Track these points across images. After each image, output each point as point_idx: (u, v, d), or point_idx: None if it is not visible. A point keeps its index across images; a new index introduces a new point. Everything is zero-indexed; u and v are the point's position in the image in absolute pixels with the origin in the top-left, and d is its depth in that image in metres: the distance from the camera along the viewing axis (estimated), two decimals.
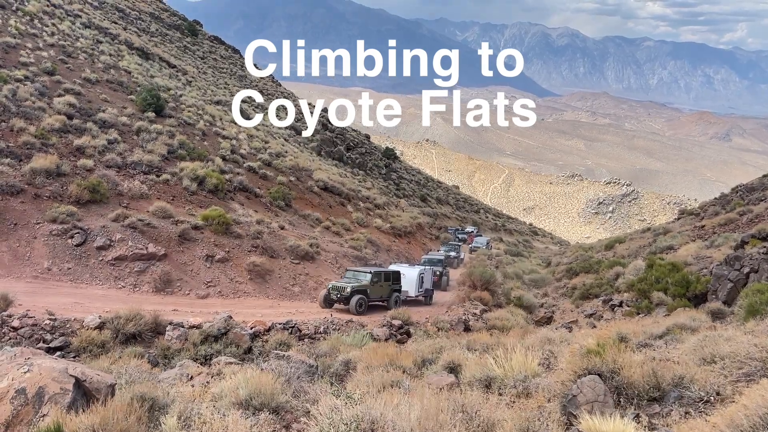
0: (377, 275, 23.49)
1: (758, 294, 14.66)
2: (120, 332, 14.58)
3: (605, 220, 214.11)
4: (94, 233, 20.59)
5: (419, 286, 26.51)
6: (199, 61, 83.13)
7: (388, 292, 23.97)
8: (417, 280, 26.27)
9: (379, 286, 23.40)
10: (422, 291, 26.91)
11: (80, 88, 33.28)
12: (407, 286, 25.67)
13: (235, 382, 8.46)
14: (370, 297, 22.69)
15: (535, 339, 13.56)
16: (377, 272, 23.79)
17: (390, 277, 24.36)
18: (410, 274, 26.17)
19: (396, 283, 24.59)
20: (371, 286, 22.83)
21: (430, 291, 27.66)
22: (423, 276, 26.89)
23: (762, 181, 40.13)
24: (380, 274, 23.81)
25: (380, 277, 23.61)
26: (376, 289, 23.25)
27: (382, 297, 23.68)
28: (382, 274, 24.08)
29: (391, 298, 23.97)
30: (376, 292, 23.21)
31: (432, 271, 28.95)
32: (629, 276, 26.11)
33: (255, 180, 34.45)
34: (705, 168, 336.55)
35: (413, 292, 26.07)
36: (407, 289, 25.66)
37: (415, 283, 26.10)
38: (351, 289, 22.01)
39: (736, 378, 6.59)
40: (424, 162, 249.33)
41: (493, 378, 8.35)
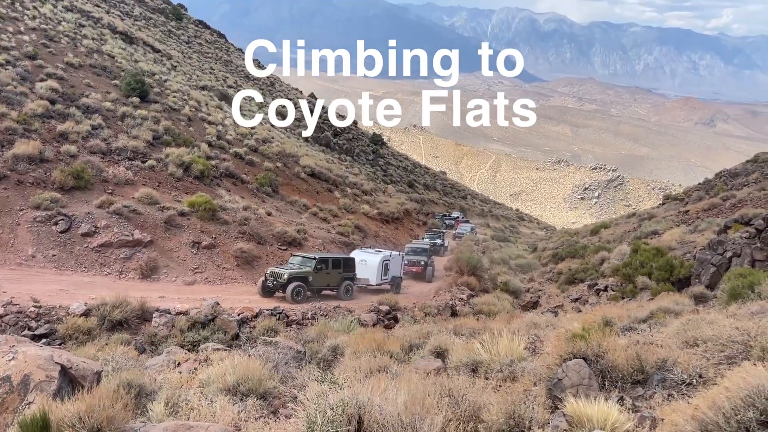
0: (322, 261, 22.09)
1: (740, 278, 14.89)
2: (106, 319, 14.51)
3: (591, 205, 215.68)
4: (78, 220, 20.40)
5: (382, 274, 25.09)
6: (184, 46, 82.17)
7: (337, 280, 22.53)
8: (379, 267, 24.83)
9: (325, 273, 21.98)
10: (387, 279, 25.53)
11: (63, 72, 32.75)
12: (368, 274, 24.45)
13: (222, 368, 8.47)
14: (313, 285, 21.41)
15: (521, 323, 13.69)
16: (322, 258, 22.36)
17: (340, 264, 22.83)
18: (372, 261, 24.84)
19: (348, 270, 23.04)
20: (314, 273, 21.46)
21: (398, 279, 26.28)
22: (388, 263, 25.51)
23: (745, 167, 40.55)
24: (326, 261, 22.34)
25: (326, 264, 22.17)
26: (321, 276, 21.83)
27: (329, 285, 22.33)
28: (330, 260, 22.55)
29: (341, 287, 22.57)
30: (321, 279, 21.79)
31: (402, 258, 27.38)
32: (614, 261, 26.36)
33: (241, 166, 34.25)
34: (690, 153, 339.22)
35: (375, 280, 24.71)
36: (368, 277, 24.45)
37: (376, 271, 24.72)
38: (288, 275, 20.60)
39: (718, 361, 6.69)
40: (412, 148, 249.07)
41: (480, 362, 8.42)
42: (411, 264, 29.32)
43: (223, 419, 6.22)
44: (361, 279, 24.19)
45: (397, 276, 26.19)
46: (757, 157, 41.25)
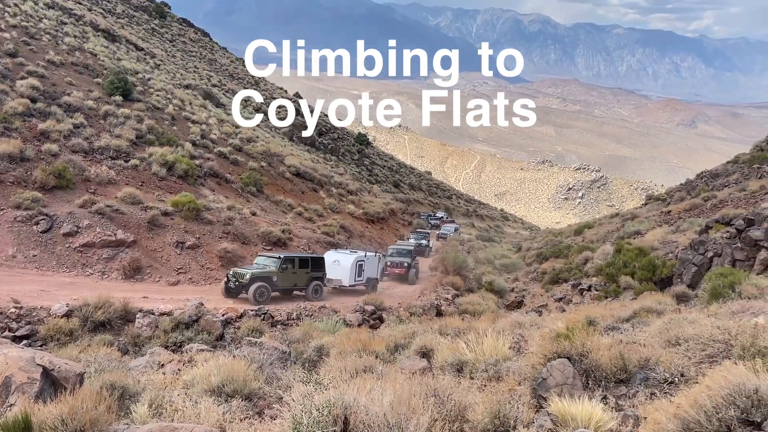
0: (288, 261, 21.39)
1: (721, 277, 15.07)
2: (89, 320, 14.36)
3: (575, 205, 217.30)
4: (60, 220, 20.16)
5: (356, 275, 24.43)
6: (167, 44, 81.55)
7: (305, 280, 21.84)
8: (353, 268, 24.14)
9: (291, 273, 21.27)
10: (361, 280, 24.87)
11: (44, 70, 32.34)
12: (341, 275, 23.90)
13: (207, 369, 8.43)
14: (278, 285, 20.79)
15: (505, 323, 13.75)
16: (288, 257, 21.63)
17: (308, 264, 22.09)
18: (345, 261, 24.20)
19: (317, 270, 22.39)
20: (279, 273, 20.81)
21: (373, 280, 25.62)
22: (363, 264, 24.79)
23: (726, 168, 41.10)
24: (292, 260, 21.60)
25: (292, 264, 21.46)
26: (287, 276, 21.15)
27: (296, 285, 21.66)
28: (296, 259, 21.82)
29: (310, 287, 21.86)
30: (286, 279, 21.13)
31: (379, 259, 26.79)
32: (598, 261, 26.57)
33: (226, 166, 34.07)
34: (671, 154, 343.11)
35: (348, 281, 24.09)
36: (341, 278, 23.93)
37: (349, 272, 24.07)
38: (251, 276, 19.98)
39: (700, 359, 6.78)
40: (397, 148, 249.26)
41: (465, 362, 8.46)
42: (394, 265, 28.97)
43: (207, 421, 6.19)
44: (334, 280, 23.74)
45: (372, 277, 25.61)
46: (737, 158, 41.83)
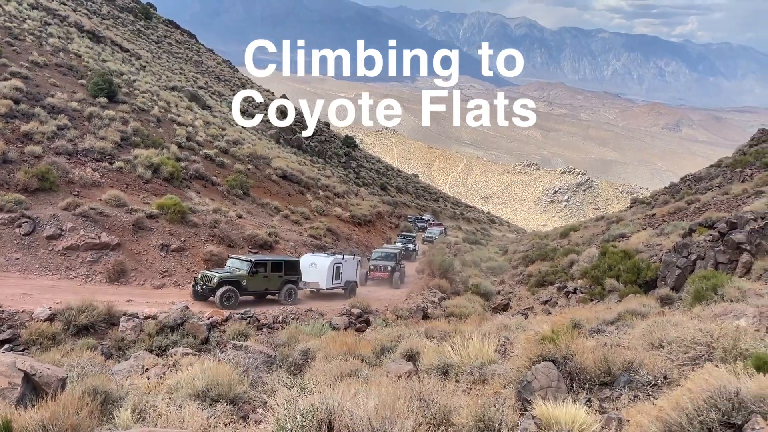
0: (259, 264, 20.78)
1: (704, 280, 15.21)
2: (72, 324, 14.23)
3: (561, 208, 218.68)
4: (43, 222, 19.94)
5: (333, 278, 23.88)
6: (153, 46, 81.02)
7: (278, 284, 21.30)
8: (329, 271, 23.59)
9: (262, 276, 20.74)
10: (339, 283, 24.37)
11: (27, 71, 32.01)
12: (318, 278, 23.38)
13: (192, 373, 8.37)
14: (249, 289, 20.32)
15: (491, 326, 13.79)
16: (259, 260, 21.02)
17: (281, 267, 21.51)
18: (322, 264, 23.61)
19: (291, 273, 21.80)
20: (249, 276, 20.23)
21: (352, 283, 25.10)
22: (341, 266, 24.26)
23: (709, 171, 41.54)
24: (264, 263, 21.02)
25: (264, 267, 20.89)
26: (258, 280, 20.60)
27: (268, 289, 21.12)
28: (268, 262, 21.20)
29: (282, 291, 21.33)
30: (257, 283, 20.62)
31: (358, 262, 26.22)
32: (583, 263, 26.75)
33: (212, 168, 33.89)
34: (656, 158, 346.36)
35: (324, 284, 23.55)
36: (318, 281, 23.40)
37: (326, 275, 23.48)
38: (219, 279, 19.44)
39: (683, 362, 6.85)
40: (384, 150, 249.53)
41: (451, 365, 8.48)
42: (377, 269, 28.57)
43: (191, 425, 6.14)
44: (310, 283, 23.28)
45: (351, 280, 25.10)
46: (720, 162, 42.31)
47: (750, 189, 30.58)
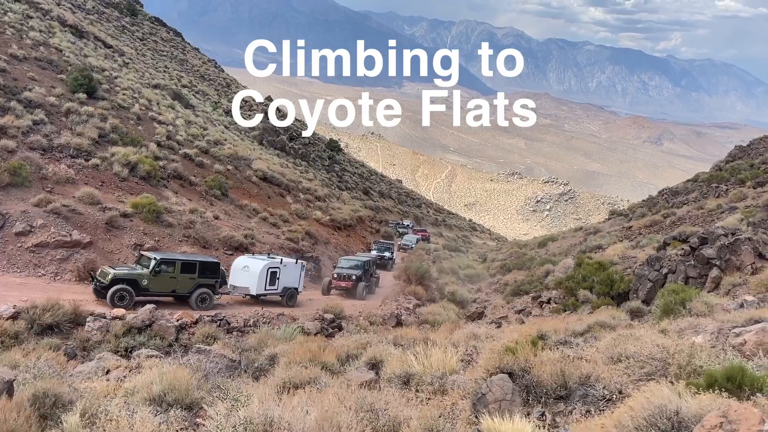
0: (165, 263, 18.99)
1: (673, 294, 15.36)
2: (36, 323, 13.98)
3: (542, 217, 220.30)
4: (13, 218, 19.60)
5: (267, 283, 22.10)
6: (138, 43, 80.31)
7: (189, 286, 19.43)
8: (262, 275, 21.84)
9: (168, 277, 18.93)
10: (275, 289, 22.51)
11: (5, 65, 31.56)
12: (249, 282, 21.75)
13: (149, 377, 8.25)
14: (149, 289, 18.53)
15: (462, 335, 13.79)
16: (165, 259, 19.19)
17: (194, 268, 19.58)
18: (255, 267, 21.92)
19: (207, 275, 19.89)
20: (152, 276, 18.49)
21: (291, 290, 23.13)
22: (276, 272, 22.39)
23: (686, 186, 42.04)
24: (172, 262, 19.21)
25: (171, 266, 19.10)
26: (163, 280, 18.82)
27: (175, 291, 19.30)
28: (178, 262, 19.38)
29: (194, 294, 19.45)
30: (161, 284, 18.85)
31: (302, 268, 24.23)
32: (558, 274, 26.89)
33: (191, 168, 33.61)
34: (637, 170, 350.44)
35: (255, 290, 21.84)
36: (248, 286, 21.81)
37: (257, 279, 21.74)
38: (113, 276, 17.74)
39: (639, 377, 6.87)
40: (369, 155, 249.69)
41: (413, 374, 8.43)
42: (340, 278, 26.83)
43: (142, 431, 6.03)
44: (240, 287, 21.80)
45: (290, 287, 23.12)
46: (696, 177, 42.85)
47: (724, 204, 31.00)
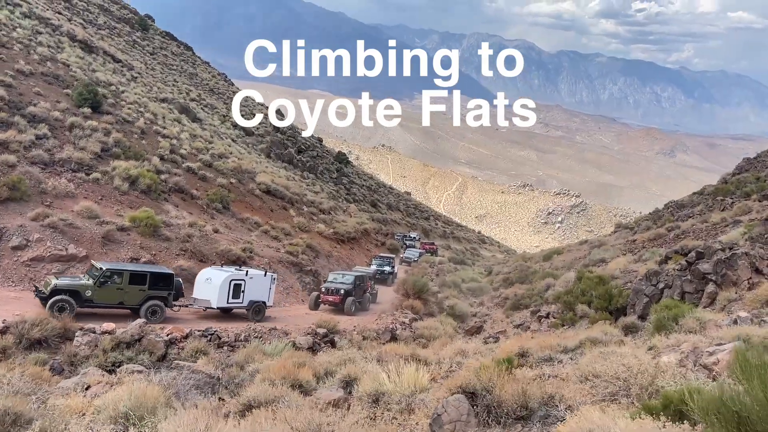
0: (112, 273, 18.31)
1: (666, 310, 15.18)
2: (24, 338, 14.03)
3: (554, 230, 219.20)
4: (9, 232, 19.78)
5: (230, 296, 21.22)
6: (148, 57, 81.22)
7: (138, 299, 18.75)
8: (224, 288, 20.94)
9: (115, 288, 18.23)
10: (239, 303, 21.64)
11: (12, 80, 32.00)
12: (210, 295, 20.91)
13: (118, 395, 8.25)
14: (93, 301, 17.92)
15: (450, 351, 13.70)
16: (112, 269, 18.50)
17: (145, 279, 18.83)
18: (216, 279, 21.07)
19: (159, 287, 19.18)
20: (97, 287, 17.88)
21: (258, 303, 22.15)
22: (241, 284, 21.46)
23: (691, 198, 41.65)
24: (119, 273, 18.48)
25: (120, 277, 18.39)
26: (109, 291, 18.14)
27: (123, 303, 18.59)
28: (126, 273, 18.61)
29: (144, 307, 18.75)
30: (107, 295, 18.15)
31: (272, 280, 23.28)
32: (559, 288, 26.67)
33: (193, 181, 33.80)
34: (650, 182, 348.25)
35: (216, 303, 20.98)
36: (209, 298, 20.94)
37: (218, 292, 20.83)
38: (53, 286, 17.30)
39: (602, 397, 6.77)
40: (380, 167, 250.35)
41: (383, 393, 8.36)
42: (328, 293, 25.95)
43: None
44: (201, 300, 21.06)
45: (257, 300, 22.15)
46: (703, 190, 42.42)
47: (729, 218, 30.66)
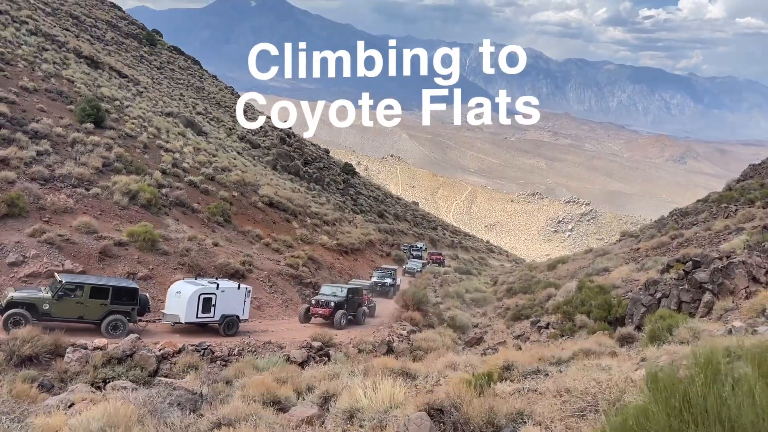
0: (72, 287, 17.94)
1: (660, 320, 15.02)
2: (15, 354, 14.07)
3: (564, 238, 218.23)
4: (6, 249, 19.93)
5: (199, 311, 20.50)
6: (155, 72, 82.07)
7: (99, 313, 18.26)
8: (192, 302, 20.28)
9: (74, 302, 17.83)
10: (210, 317, 20.87)
11: (15, 96, 32.39)
12: (178, 309, 20.31)
13: (91, 414, 8.22)
14: (51, 314, 17.45)
15: (440, 364, 13.59)
16: (72, 282, 18.13)
17: (107, 293, 18.42)
18: (185, 293, 20.40)
19: (121, 302, 18.64)
20: (55, 300, 17.52)
21: (230, 317, 21.37)
22: (212, 298, 20.77)
23: (696, 206, 41.28)
24: (80, 286, 18.09)
25: (80, 291, 18.01)
26: (68, 305, 17.74)
27: (82, 317, 18.11)
28: (86, 286, 18.18)
29: (105, 322, 18.30)
30: (66, 309, 17.72)
31: (247, 293, 22.31)
32: (559, 298, 26.47)
33: (195, 195, 33.96)
34: (661, 189, 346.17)
35: (185, 318, 20.28)
36: (177, 313, 20.34)
37: (186, 306, 20.20)
38: (9, 299, 17.05)
39: (571, 413, 6.66)
40: (389, 177, 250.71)
41: (358, 409, 8.28)
42: (318, 305, 25.11)
43: None
44: (169, 314, 20.52)
45: (230, 315, 21.36)
46: (708, 197, 42.05)
47: (732, 225, 30.31)
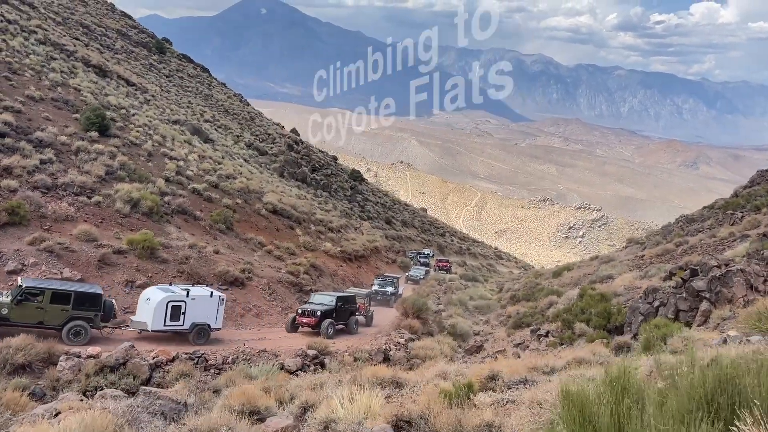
0: (32, 293, 17.66)
1: (655, 329, 14.88)
2: (8, 362, 14.15)
3: (575, 244, 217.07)
4: (6, 257, 20.09)
5: (168, 318, 19.91)
6: (163, 80, 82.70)
7: (60, 319, 17.93)
8: (160, 309, 19.68)
9: (34, 307, 17.57)
10: (179, 325, 20.22)
11: (21, 105, 32.72)
12: (146, 316, 19.78)
13: (67, 425, 8.24)
14: (10, 320, 17.29)
15: (431, 373, 13.51)
16: (32, 287, 17.86)
17: (68, 299, 18.07)
18: (154, 299, 19.89)
19: (84, 308, 18.31)
20: (14, 306, 17.31)
21: (201, 326, 20.59)
22: (181, 306, 20.16)
23: (702, 213, 40.92)
24: (41, 291, 17.79)
25: (41, 296, 17.72)
26: (26, 310, 17.49)
27: (43, 323, 17.76)
28: (47, 292, 17.84)
29: (66, 328, 17.92)
30: (24, 314, 17.50)
31: (221, 301, 21.49)
32: (561, 306, 26.30)
33: (198, 202, 34.09)
34: (673, 195, 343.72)
35: (152, 325, 19.71)
36: (146, 320, 19.79)
37: (153, 314, 19.63)
38: None
39: (539, 426, 6.59)
40: (399, 184, 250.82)
41: (334, 420, 8.25)
42: (304, 314, 24.26)
43: None
44: (137, 321, 20.05)
45: (201, 323, 20.63)
46: (714, 203, 41.66)
47: (737, 232, 29.99)
